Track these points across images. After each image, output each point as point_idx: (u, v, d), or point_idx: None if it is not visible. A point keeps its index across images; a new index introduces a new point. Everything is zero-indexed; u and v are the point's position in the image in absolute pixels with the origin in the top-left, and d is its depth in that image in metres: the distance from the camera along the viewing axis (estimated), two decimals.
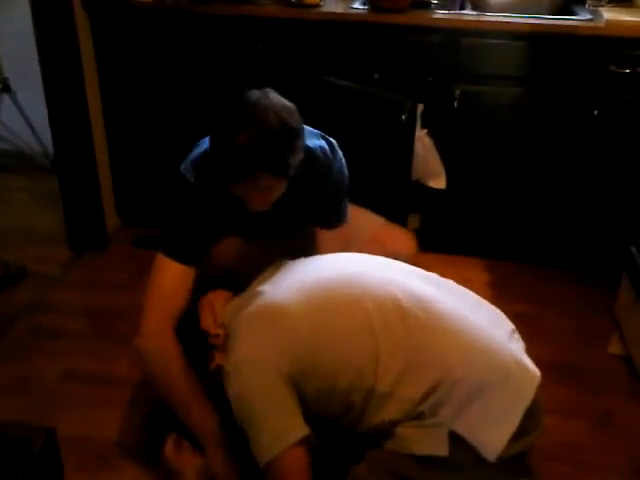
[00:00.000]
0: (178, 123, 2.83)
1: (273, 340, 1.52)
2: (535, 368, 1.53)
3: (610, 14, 2.50)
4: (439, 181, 2.62)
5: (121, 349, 2.35)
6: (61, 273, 2.86)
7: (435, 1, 2.60)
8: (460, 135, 2.69)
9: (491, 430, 1.45)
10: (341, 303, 1.56)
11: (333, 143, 1.88)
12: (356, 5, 2.64)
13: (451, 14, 2.61)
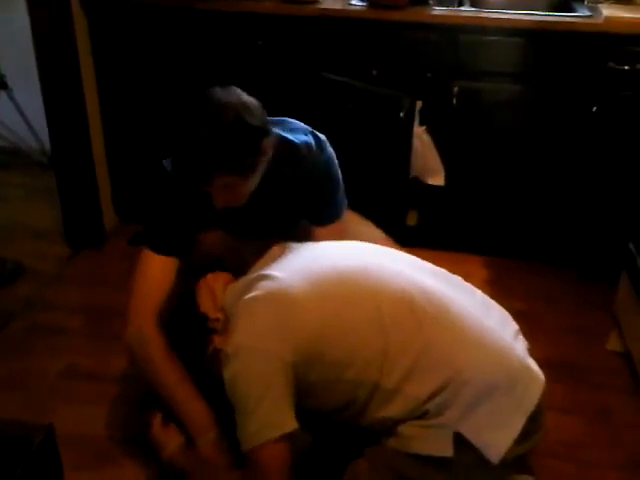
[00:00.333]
0: (175, 120, 2.82)
1: (279, 328, 1.48)
2: (540, 372, 1.52)
3: (609, 11, 2.50)
4: (438, 178, 2.61)
5: (118, 346, 2.32)
6: (58, 270, 2.85)
7: None
8: (459, 132, 2.69)
9: (496, 433, 1.44)
10: (352, 295, 1.53)
11: (321, 138, 1.86)
12: (354, 2, 2.64)
13: (449, 10, 2.61)
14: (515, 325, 1.63)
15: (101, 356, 2.33)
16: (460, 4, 2.75)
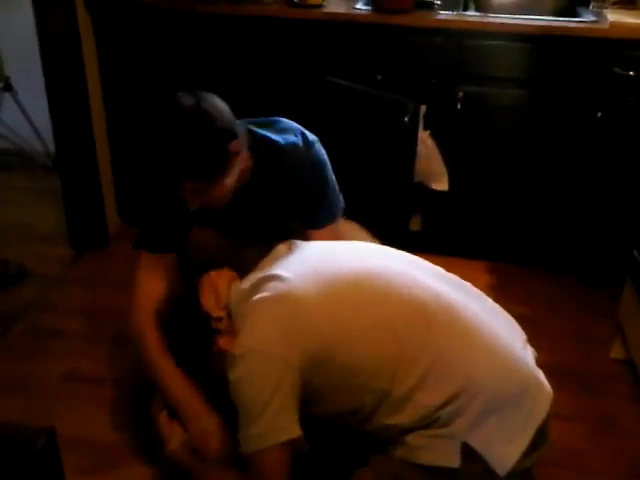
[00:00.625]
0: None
1: (287, 332, 1.45)
2: (548, 384, 1.51)
3: (614, 16, 2.50)
4: (441, 183, 2.61)
5: (121, 349, 2.35)
6: (62, 272, 2.85)
7: (438, 2, 2.59)
8: (463, 137, 2.68)
9: (505, 445, 1.42)
10: (362, 300, 1.50)
11: (309, 139, 1.85)
12: (359, 6, 2.64)
13: (454, 15, 2.60)
14: (523, 334, 1.61)
15: (103, 359, 2.33)
16: (465, 9, 2.75)
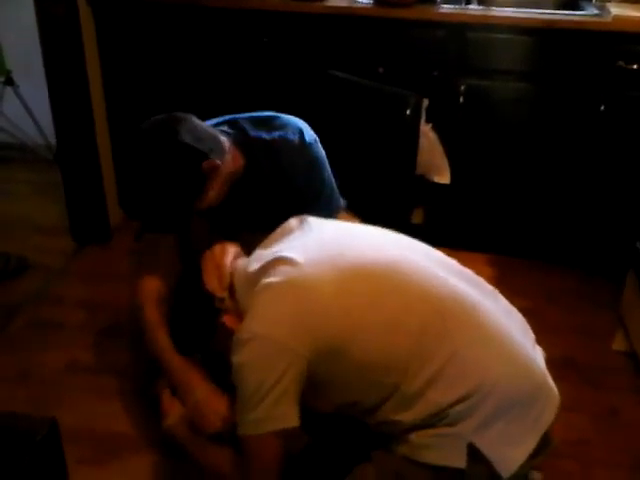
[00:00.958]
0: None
1: (298, 320, 1.40)
2: (556, 389, 1.48)
3: (617, 9, 2.50)
4: (443, 176, 2.60)
5: (123, 341, 2.35)
6: (63, 265, 2.86)
7: None
8: (465, 130, 2.68)
9: (512, 448, 1.41)
10: (378, 292, 1.45)
11: (305, 137, 1.86)
12: None
13: (457, 8, 2.60)
14: (532, 334, 1.58)
15: (105, 351, 2.34)
16: (468, 2, 2.74)
